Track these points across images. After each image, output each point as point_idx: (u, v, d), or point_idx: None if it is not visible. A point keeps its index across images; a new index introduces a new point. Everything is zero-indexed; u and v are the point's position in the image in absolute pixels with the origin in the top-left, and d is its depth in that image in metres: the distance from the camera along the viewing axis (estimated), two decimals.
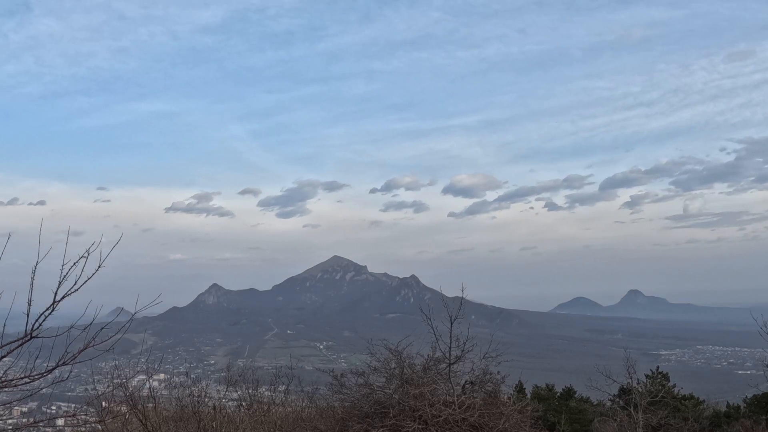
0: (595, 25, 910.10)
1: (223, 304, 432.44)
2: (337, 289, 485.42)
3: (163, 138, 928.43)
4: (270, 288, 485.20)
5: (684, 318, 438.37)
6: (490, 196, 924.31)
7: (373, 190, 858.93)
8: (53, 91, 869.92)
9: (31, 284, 9.03)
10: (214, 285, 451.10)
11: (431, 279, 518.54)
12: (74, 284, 9.20)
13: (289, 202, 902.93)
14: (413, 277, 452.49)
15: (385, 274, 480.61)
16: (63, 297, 9.22)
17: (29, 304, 9.03)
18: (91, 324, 9.77)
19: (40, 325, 9.18)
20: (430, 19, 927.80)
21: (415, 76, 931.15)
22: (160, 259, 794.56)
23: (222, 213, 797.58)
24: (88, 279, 9.27)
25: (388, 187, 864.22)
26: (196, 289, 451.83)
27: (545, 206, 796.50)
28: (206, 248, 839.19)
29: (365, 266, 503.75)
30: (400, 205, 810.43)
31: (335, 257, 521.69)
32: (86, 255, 9.18)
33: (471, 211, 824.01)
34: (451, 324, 21.17)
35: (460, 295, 21.94)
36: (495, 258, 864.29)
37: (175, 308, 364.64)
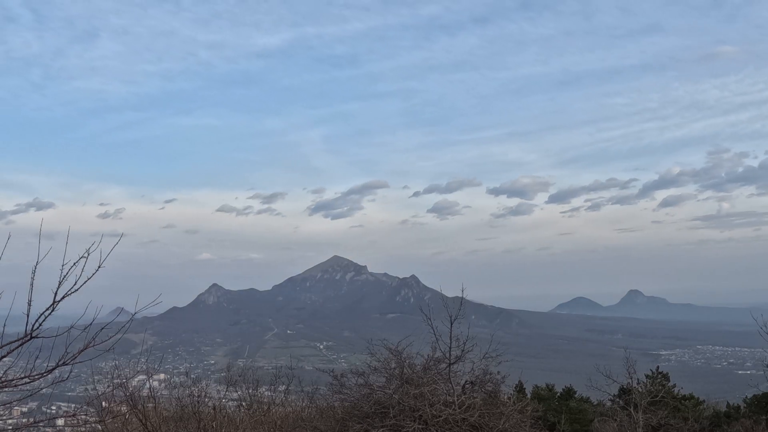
0: (617, 50, 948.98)
1: (223, 304, 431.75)
2: (337, 289, 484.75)
3: (220, 146, 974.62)
4: (270, 288, 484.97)
5: (684, 318, 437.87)
6: (538, 198, 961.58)
7: (410, 195, 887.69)
8: (111, 106, 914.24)
9: (31, 284, 9.02)
10: (214, 285, 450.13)
11: (433, 279, 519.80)
12: (74, 284, 9.20)
13: (338, 204, 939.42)
14: (413, 277, 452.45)
15: (385, 274, 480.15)
16: (63, 297, 9.21)
17: (29, 304, 9.02)
18: (91, 324, 9.75)
19: (40, 325, 9.17)
20: (467, 46, 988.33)
21: (448, 94, 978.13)
22: (184, 259, 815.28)
23: (275, 214, 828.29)
24: (88, 279, 9.27)
25: (426, 191, 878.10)
26: (196, 289, 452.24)
27: (588, 208, 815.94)
28: (238, 249, 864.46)
29: (365, 266, 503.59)
30: (436, 208, 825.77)
31: (335, 257, 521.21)
32: (86, 255, 9.18)
33: (514, 212, 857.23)
34: (451, 324, 21.17)
35: (460, 295, 21.95)
36: (508, 258, 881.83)
37: (175, 308, 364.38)
